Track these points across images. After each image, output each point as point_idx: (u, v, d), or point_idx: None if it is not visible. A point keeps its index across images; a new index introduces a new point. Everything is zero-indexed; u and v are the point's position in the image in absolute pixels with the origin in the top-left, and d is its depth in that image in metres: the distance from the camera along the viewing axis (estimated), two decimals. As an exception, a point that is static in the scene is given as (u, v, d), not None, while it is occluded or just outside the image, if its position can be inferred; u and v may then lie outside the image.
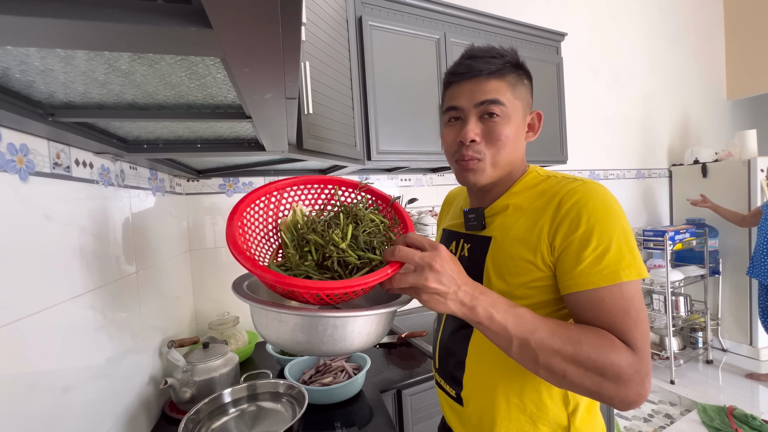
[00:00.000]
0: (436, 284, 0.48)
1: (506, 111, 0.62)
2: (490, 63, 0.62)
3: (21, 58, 0.37)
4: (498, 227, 0.66)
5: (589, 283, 0.53)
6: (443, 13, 1.57)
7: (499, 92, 0.62)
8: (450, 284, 0.49)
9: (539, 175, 0.67)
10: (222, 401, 0.94)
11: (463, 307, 0.50)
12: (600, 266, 0.53)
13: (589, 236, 0.54)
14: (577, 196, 0.57)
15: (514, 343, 0.51)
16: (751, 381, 2.50)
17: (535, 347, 0.50)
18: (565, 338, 0.50)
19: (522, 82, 0.65)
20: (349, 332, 0.52)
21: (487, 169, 0.64)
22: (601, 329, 0.52)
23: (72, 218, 0.68)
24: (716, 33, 3.48)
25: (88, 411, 0.69)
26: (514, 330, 0.50)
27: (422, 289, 0.49)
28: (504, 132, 0.62)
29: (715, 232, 2.86)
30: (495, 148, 0.63)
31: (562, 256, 0.56)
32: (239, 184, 1.57)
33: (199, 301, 1.51)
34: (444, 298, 0.50)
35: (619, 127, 2.85)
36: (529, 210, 0.62)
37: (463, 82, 0.64)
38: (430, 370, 1.23)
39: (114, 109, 0.57)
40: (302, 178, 0.67)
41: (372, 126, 1.42)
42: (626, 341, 0.51)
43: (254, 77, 0.38)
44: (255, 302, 0.52)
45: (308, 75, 0.95)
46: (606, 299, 0.52)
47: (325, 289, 0.47)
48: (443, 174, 2.03)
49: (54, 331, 0.61)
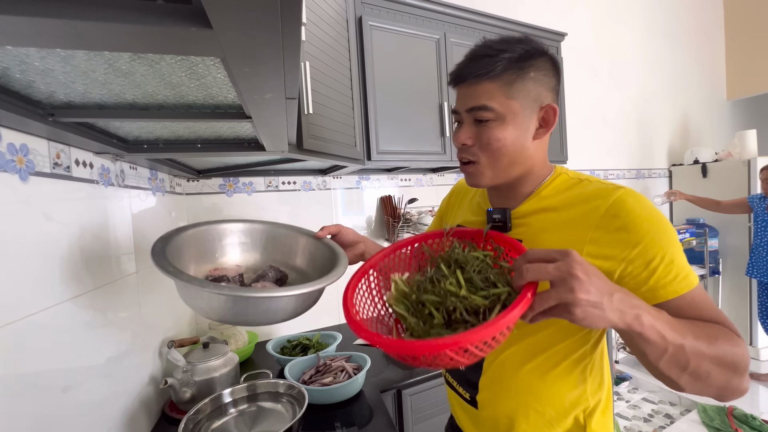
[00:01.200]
0: (586, 294, 0.42)
1: (498, 114, 0.59)
2: (481, 64, 0.58)
3: (21, 58, 0.37)
4: (528, 230, 0.62)
5: (668, 293, 0.52)
6: (443, 13, 1.57)
7: (487, 96, 0.59)
8: (602, 291, 0.43)
9: (569, 178, 0.64)
10: (222, 401, 0.94)
11: (625, 315, 0.44)
12: (671, 276, 0.52)
13: (653, 247, 0.52)
14: (629, 205, 0.54)
15: (668, 351, 0.47)
16: (751, 381, 2.50)
17: (689, 352, 0.47)
18: (707, 339, 0.48)
19: (526, 75, 0.59)
20: (274, 308, 0.55)
21: (485, 171, 0.62)
22: (712, 323, 0.52)
23: (72, 218, 0.68)
24: (716, 33, 3.48)
25: (88, 411, 0.69)
26: (670, 336, 0.46)
27: (573, 303, 0.42)
28: (495, 135, 0.59)
29: (715, 232, 2.86)
30: (488, 151, 0.61)
31: (628, 269, 0.53)
32: (239, 184, 1.57)
33: (199, 301, 1.50)
34: (601, 309, 0.43)
35: (619, 127, 2.85)
36: (565, 215, 0.59)
37: (459, 86, 0.63)
38: (430, 370, 1.23)
39: (114, 109, 0.57)
40: (389, 247, 0.64)
41: (372, 126, 1.42)
42: (729, 328, 0.52)
43: (254, 77, 0.38)
44: (181, 280, 0.53)
45: (308, 75, 0.95)
46: (692, 302, 0.52)
47: (471, 340, 0.40)
48: (443, 174, 2.03)
49: (54, 331, 0.61)
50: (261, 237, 0.77)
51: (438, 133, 1.58)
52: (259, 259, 0.77)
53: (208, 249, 0.71)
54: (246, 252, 0.76)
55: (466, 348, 0.41)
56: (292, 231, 0.79)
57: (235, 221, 0.75)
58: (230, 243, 0.74)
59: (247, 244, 0.76)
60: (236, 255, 0.75)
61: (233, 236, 0.75)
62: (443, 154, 1.60)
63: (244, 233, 0.76)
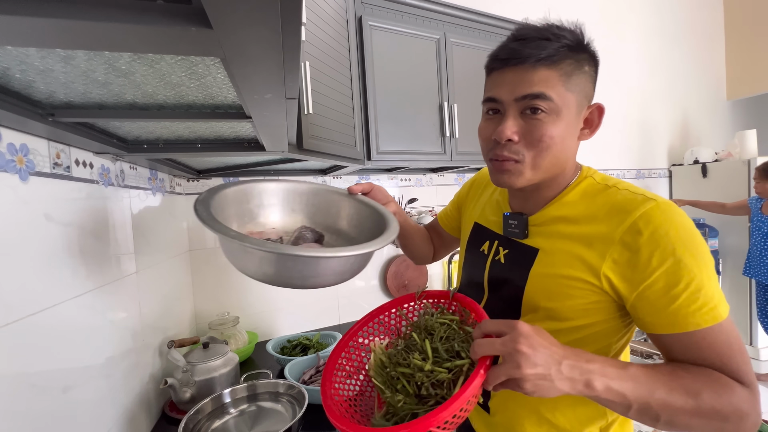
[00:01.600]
0: (532, 369, 0.42)
1: (554, 107, 0.52)
2: (540, 47, 0.51)
3: (21, 58, 0.37)
4: (547, 240, 0.58)
5: (689, 324, 0.48)
6: (443, 13, 1.57)
7: (547, 84, 0.51)
8: (549, 363, 0.43)
9: (596, 183, 0.58)
10: (222, 401, 0.94)
11: (575, 383, 0.44)
12: (696, 306, 0.47)
13: (678, 270, 0.47)
14: (656, 221, 0.49)
15: (633, 408, 0.46)
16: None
17: (657, 408, 0.45)
18: (684, 392, 0.45)
19: (581, 69, 0.54)
20: (321, 270, 0.51)
21: (526, 172, 0.55)
22: (711, 371, 0.48)
23: (72, 218, 0.68)
24: (716, 33, 3.48)
25: (88, 411, 0.69)
26: (632, 395, 0.45)
27: (521, 379, 0.42)
28: (548, 132, 0.52)
29: (715, 232, 2.85)
30: (536, 149, 0.53)
31: (646, 293, 0.49)
32: (239, 184, 1.57)
33: (199, 301, 1.51)
34: (549, 381, 0.43)
35: (619, 127, 2.85)
36: (586, 229, 0.54)
37: (505, 69, 0.54)
38: (430, 370, 1.23)
39: (114, 109, 0.57)
40: (366, 316, 0.64)
41: (372, 126, 1.42)
42: (737, 377, 0.47)
43: (254, 77, 0.38)
44: (223, 234, 0.50)
45: (308, 75, 0.95)
46: (707, 338, 0.48)
47: (429, 425, 0.41)
48: (443, 174, 2.03)
49: (54, 331, 0.61)
50: (303, 198, 0.73)
51: (438, 133, 1.58)
52: (299, 222, 0.73)
53: (247, 209, 0.68)
54: (287, 214, 0.72)
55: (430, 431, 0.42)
56: (335, 193, 0.75)
57: (277, 180, 0.72)
58: (271, 203, 0.71)
59: (288, 206, 0.73)
60: (276, 216, 0.71)
61: (274, 196, 0.71)
62: (443, 154, 1.60)
63: (286, 194, 0.72)
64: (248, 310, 1.57)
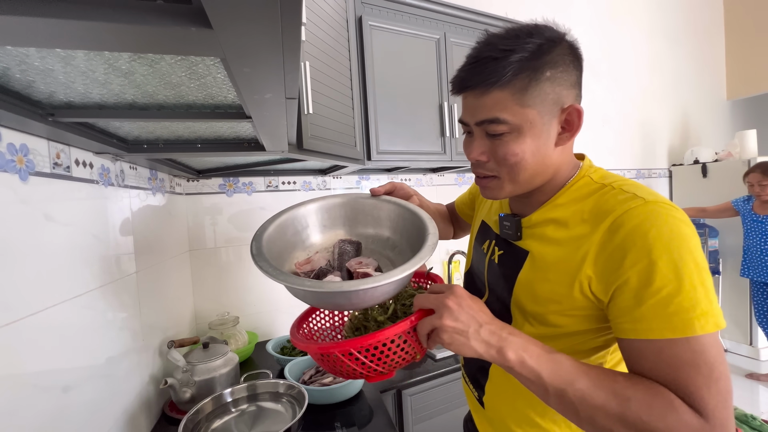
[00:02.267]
0: (452, 322, 0.46)
1: (514, 125, 0.51)
2: (487, 71, 0.50)
3: (21, 58, 0.37)
4: (537, 242, 0.57)
5: (651, 331, 0.43)
6: (443, 13, 1.57)
7: (498, 107, 0.51)
8: (469, 321, 0.47)
9: (592, 182, 0.56)
10: (222, 401, 0.94)
11: (489, 348, 0.47)
12: (666, 312, 0.43)
13: (651, 272, 0.43)
14: (635, 220, 0.46)
15: (550, 393, 0.45)
16: (751, 381, 2.50)
17: (575, 400, 0.44)
18: (611, 393, 0.43)
19: (542, 77, 0.50)
20: (379, 293, 0.56)
21: (505, 186, 0.56)
22: (658, 385, 0.43)
23: (72, 218, 0.68)
24: (716, 33, 3.48)
25: (88, 411, 0.69)
26: (549, 378, 0.45)
27: (440, 329, 0.47)
28: (511, 150, 0.52)
29: (715, 232, 2.86)
30: (506, 166, 0.54)
31: (617, 294, 0.46)
32: (239, 184, 1.57)
33: (199, 301, 1.51)
34: (465, 337, 0.47)
35: (619, 127, 2.85)
36: (575, 229, 0.52)
37: (464, 94, 0.55)
38: (431, 371, 1.24)
39: (114, 109, 0.57)
40: None
41: (372, 126, 1.42)
42: (692, 403, 0.41)
43: (254, 77, 0.38)
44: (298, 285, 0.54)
45: (308, 75, 0.95)
46: (667, 350, 0.43)
47: (353, 346, 0.50)
48: (443, 174, 2.03)
49: (54, 331, 0.61)
50: (333, 212, 0.75)
51: (438, 133, 1.58)
52: (337, 235, 0.75)
53: (289, 242, 0.70)
54: (324, 231, 0.75)
55: (350, 352, 0.50)
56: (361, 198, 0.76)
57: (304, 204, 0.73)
58: (306, 226, 0.73)
59: (322, 223, 0.75)
60: (316, 237, 0.74)
61: (312, 217, 0.74)
62: (443, 154, 1.60)
63: (317, 213, 0.74)
64: (248, 310, 1.57)
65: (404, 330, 0.50)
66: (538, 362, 0.45)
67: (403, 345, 0.52)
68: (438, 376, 1.23)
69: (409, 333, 0.51)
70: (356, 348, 0.50)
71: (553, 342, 0.55)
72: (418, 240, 0.63)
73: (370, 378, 0.55)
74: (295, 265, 0.67)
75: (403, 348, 0.52)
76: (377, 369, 0.53)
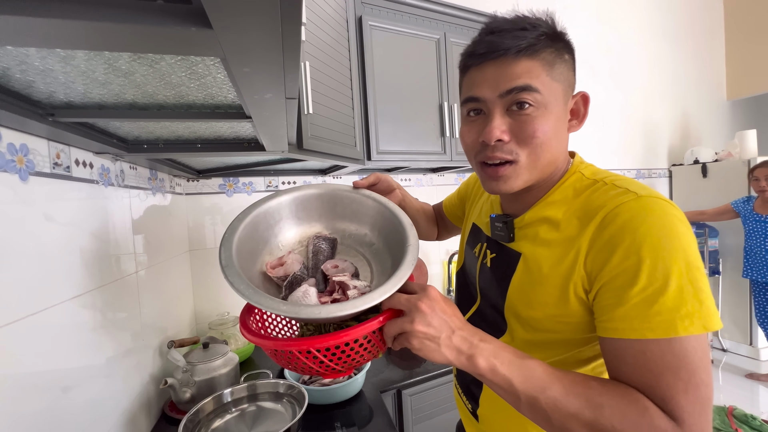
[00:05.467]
0: (424, 327, 0.44)
1: (542, 99, 0.48)
2: (519, 38, 0.48)
3: (21, 58, 0.37)
4: (530, 244, 0.55)
5: (633, 331, 0.41)
6: (443, 13, 1.57)
7: (531, 75, 0.48)
8: (441, 327, 0.44)
9: (584, 178, 0.53)
10: (222, 401, 0.94)
11: (460, 355, 0.44)
12: (650, 311, 0.41)
13: (637, 270, 0.41)
14: (625, 215, 0.44)
15: (522, 400, 0.44)
16: (751, 381, 2.50)
17: (546, 407, 0.42)
18: (584, 400, 0.42)
19: (562, 57, 0.50)
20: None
21: (523, 173, 0.52)
22: (633, 390, 0.42)
23: (72, 218, 0.68)
24: (716, 33, 3.48)
25: (88, 411, 0.69)
26: (521, 386, 0.43)
27: (410, 333, 0.44)
28: (541, 127, 0.48)
29: (715, 232, 2.86)
30: (530, 147, 0.50)
31: (602, 291, 0.45)
32: (239, 184, 1.57)
33: (199, 301, 1.51)
34: (436, 343, 0.44)
35: (619, 127, 2.85)
36: (567, 228, 0.50)
37: (484, 64, 0.50)
38: (431, 370, 1.23)
39: (114, 109, 0.57)
40: None
41: (372, 126, 1.42)
42: (667, 409, 0.40)
43: (254, 77, 0.38)
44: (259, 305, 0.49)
45: (308, 75, 0.95)
46: (647, 353, 0.41)
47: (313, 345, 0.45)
48: (443, 174, 2.03)
49: (54, 331, 0.61)
50: (309, 204, 0.69)
51: (438, 133, 1.58)
52: (314, 229, 0.69)
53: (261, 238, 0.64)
54: (299, 225, 0.69)
55: (309, 350, 0.46)
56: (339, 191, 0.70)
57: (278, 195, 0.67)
58: (280, 220, 0.67)
59: (297, 216, 0.69)
60: (290, 232, 0.68)
61: (286, 210, 0.67)
62: (443, 154, 1.60)
63: (290, 206, 0.68)
64: (248, 310, 1.57)
65: (370, 331, 0.47)
66: (509, 369, 0.44)
67: (367, 345, 0.48)
68: (438, 376, 1.23)
69: (374, 333, 0.48)
70: (316, 347, 0.46)
71: (549, 349, 0.53)
72: (397, 246, 0.59)
73: (325, 376, 0.52)
74: (266, 266, 0.61)
75: (366, 348, 0.49)
76: (335, 368, 0.50)
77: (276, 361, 0.52)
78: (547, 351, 0.53)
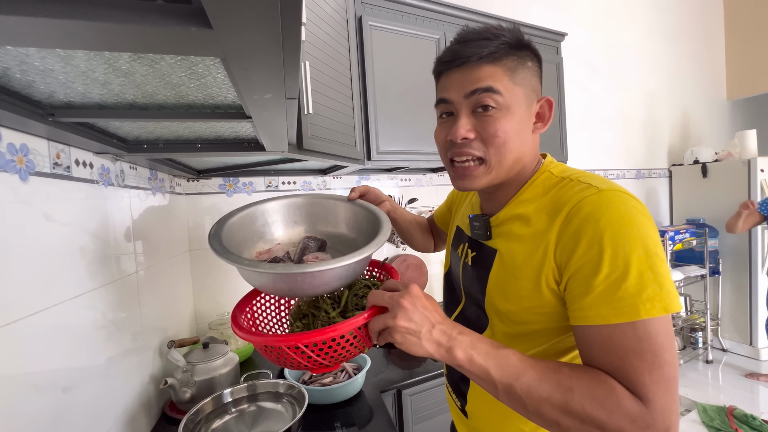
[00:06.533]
0: (406, 322, 0.46)
1: (504, 101, 0.53)
2: (481, 46, 0.53)
3: (21, 58, 0.37)
4: (504, 240, 0.58)
5: (600, 317, 0.44)
6: (443, 13, 1.57)
7: (493, 78, 0.52)
8: (422, 322, 0.47)
9: (552, 176, 0.57)
10: (222, 401, 0.94)
11: (440, 348, 0.47)
12: (614, 297, 0.43)
13: (600, 259, 0.44)
14: (587, 208, 0.47)
15: (498, 388, 0.46)
16: (751, 381, 2.50)
17: (521, 394, 0.44)
18: (555, 384, 0.44)
19: (524, 64, 0.55)
20: (326, 279, 0.57)
21: (490, 170, 0.56)
22: (602, 373, 0.44)
23: (72, 218, 0.68)
24: (716, 33, 3.48)
25: (88, 411, 0.69)
26: (497, 374, 0.45)
27: (393, 328, 0.47)
28: (502, 127, 0.53)
29: (715, 232, 2.85)
30: (494, 146, 0.54)
31: (570, 281, 0.47)
32: (239, 184, 1.57)
33: (199, 301, 1.51)
34: (417, 337, 0.47)
35: (619, 127, 2.85)
36: (537, 223, 0.53)
37: (451, 71, 0.55)
38: (431, 370, 1.24)
39: (114, 109, 0.57)
40: None
41: (372, 126, 1.42)
42: (634, 389, 0.42)
43: (254, 77, 0.38)
44: (238, 264, 0.56)
45: (308, 75, 0.95)
46: (613, 337, 0.43)
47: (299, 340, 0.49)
48: (443, 174, 2.03)
49: (54, 331, 0.60)
50: (302, 210, 0.80)
51: (438, 133, 1.58)
52: (303, 231, 0.79)
53: (254, 231, 0.74)
54: (290, 227, 0.79)
55: (297, 345, 0.49)
56: (330, 199, 0.81)
57: (276, 199, 0.78)
58: (274, 221, 0.77)
59: (290, 219, 0.79)
60: (281, 231, 0.78)
61: (276, 214, 0.78)
62: (443, 154, 1.60)
63: (286, 209, 0.79)
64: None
65: (356, 326, 0.50)
66: (485, 359, 0.46)
67: (353, 340, 0.52)
68: (438, 376, 1.23)
69: (360, 329, 0.51)
70: (304, 343, 0.49)
71: (528, 341, 0.56)
72: (375, 232, 0.66)
73: (313, 371, 0.55)
74: (256, 254, 0.69)
75: (353, 343, 0.52)
76: (323, 363, 0.53)
77: (266, 357, 0.54)
78: (526, 343, 0.56)
